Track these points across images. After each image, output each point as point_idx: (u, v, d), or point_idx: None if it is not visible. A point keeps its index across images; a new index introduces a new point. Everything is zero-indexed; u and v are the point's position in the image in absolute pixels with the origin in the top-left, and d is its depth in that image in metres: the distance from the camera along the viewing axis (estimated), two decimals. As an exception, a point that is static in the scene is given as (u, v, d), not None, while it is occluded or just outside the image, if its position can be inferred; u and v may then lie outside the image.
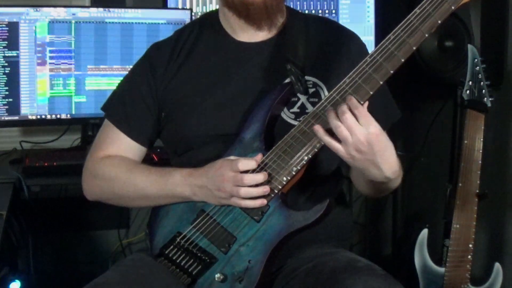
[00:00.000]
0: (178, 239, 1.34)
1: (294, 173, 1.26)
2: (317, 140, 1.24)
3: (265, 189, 1.26)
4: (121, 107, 1.46)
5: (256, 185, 1.25)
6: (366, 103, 1.21)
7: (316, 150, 1.25)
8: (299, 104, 1.37)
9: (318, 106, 1.24)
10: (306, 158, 1.25)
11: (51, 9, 2.14)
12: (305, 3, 2.39)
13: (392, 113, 1.45)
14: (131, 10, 2.22)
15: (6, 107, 2.12)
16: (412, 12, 1.20)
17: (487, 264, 2.04)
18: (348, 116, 1.17)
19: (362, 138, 1.17)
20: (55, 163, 1.99)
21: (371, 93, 1.20)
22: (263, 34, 1.42)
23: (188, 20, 2.22)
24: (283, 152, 1.27)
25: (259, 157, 1.28)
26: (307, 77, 1.38)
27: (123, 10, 2.21)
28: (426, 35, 1.19)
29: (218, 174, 1.27)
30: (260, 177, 1.25)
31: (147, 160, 1.51)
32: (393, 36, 1.20)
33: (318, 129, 1.21)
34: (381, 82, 1.20)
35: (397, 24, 1.21)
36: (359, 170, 1.25)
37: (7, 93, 2.12)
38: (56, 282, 2.38)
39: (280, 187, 1.27)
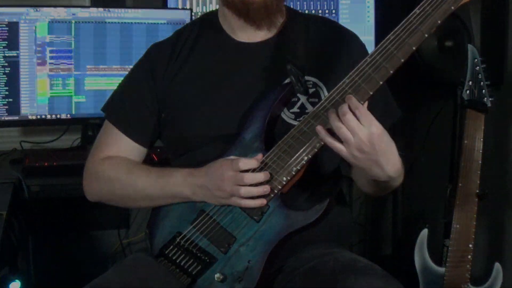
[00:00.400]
0: (178, 239, 1.34)
1: (293, 173, 1.26)
2: (317, 140, 1.24)
3: (266, 188, 1.26)
4: (121, 108, 1.46)
5: (256, 185, 1.26)
6: (366, 103, 1.21)
7: (316, 150, 1.25)
8: (299, 104, 1.37)
9: (318, 106, 1.24)
10: (305, 158, 1.25)
11: (51, 9, 2.14)
12: (305, 3, 2.39)
13: (392, 111, 1.45)
14: (131, 10, 2.22)
15: (6, 107, 2.12)
16: (412, 13, 1.20)
17: (487, 264, 2.04)
18: (350, 117, 1.17)
19: (364, 138, 1.17)
20: (55, 163, 1.99)
21: (371, 93, 1.20)
22: (263, 34, 1.42)
23: (188, 20, 2.22)
24: (283, 152, 1.27)
25: (259, 157, 1.28)
26: (307, 77, 1.37)
27: (123, 10, 2.21)
28: (426, 35, 1.19)
29: (218, 174, 1.27)
30: (261, 176, 1.25)
31: (147, 160, 1.51)
32: (393, 36, 1.20)
33: (321, 130, 1.21)
34: (381, 82, 1.20)
35: (397, 24, 1.21)
36: (361, 170, 1.25)
37: (7, 93, 2.12)
38: (56, 282, 2.38)
39: (280, 187, 1.27)
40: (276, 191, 1.27)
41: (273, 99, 1.33)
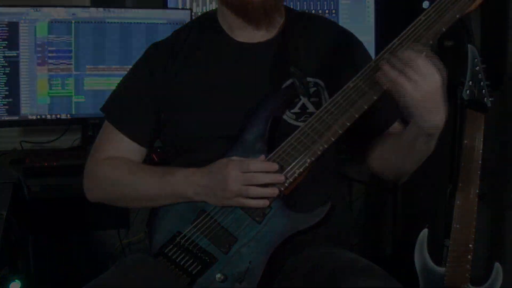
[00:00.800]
0: (178, 239, 1.34)
1: (296, 175, 1.26)
2: (320, 143, 1.24)
3: (274, 190, 1.26)
4: (120, 108, 1.46)
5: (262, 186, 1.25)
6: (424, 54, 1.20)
7: (319, 153, 1.25)
8: (300, 104, 1.37)
9: (322, 109, 1.25)
10: (308, 161, 1.25)
11: (51, 9, 2.14)
12: (305, 3, 2.39)
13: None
14: (131, 10, 2.22)
15: (6, 107, 2.12)
16: (417, 19, 1.21)
17: (487, 264, 2.04)
18: (405, 67, 1.17)
19: (426, 87, 1.20)
20: (55, 163, 1.99)
21: (375, 97, 1.23)
22: (262, 34, 1.42)
23: (188, 20, 2.21)
24: (286, 154, 1.27)
25: (262, 158, 1.28)
26: (308, 78, 1.37)
27: (123, 10, 2.21)
28: (431, 42, 1.21)
29: (224, 174, 1.27)
30: (271, 177, 1.25)
31: (147, 160, 1.51)
32: (398, 41, 1.21)
33: (381, 75, 1.20)
34: (385, 87, 1.22)
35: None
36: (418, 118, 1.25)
37: (7, 93, 2.12)
38: (56, 282, 2.38)
39: (282, 188, 1.27)
40: (278, 193, 1.27)
41: (276, 101, 1.33)
